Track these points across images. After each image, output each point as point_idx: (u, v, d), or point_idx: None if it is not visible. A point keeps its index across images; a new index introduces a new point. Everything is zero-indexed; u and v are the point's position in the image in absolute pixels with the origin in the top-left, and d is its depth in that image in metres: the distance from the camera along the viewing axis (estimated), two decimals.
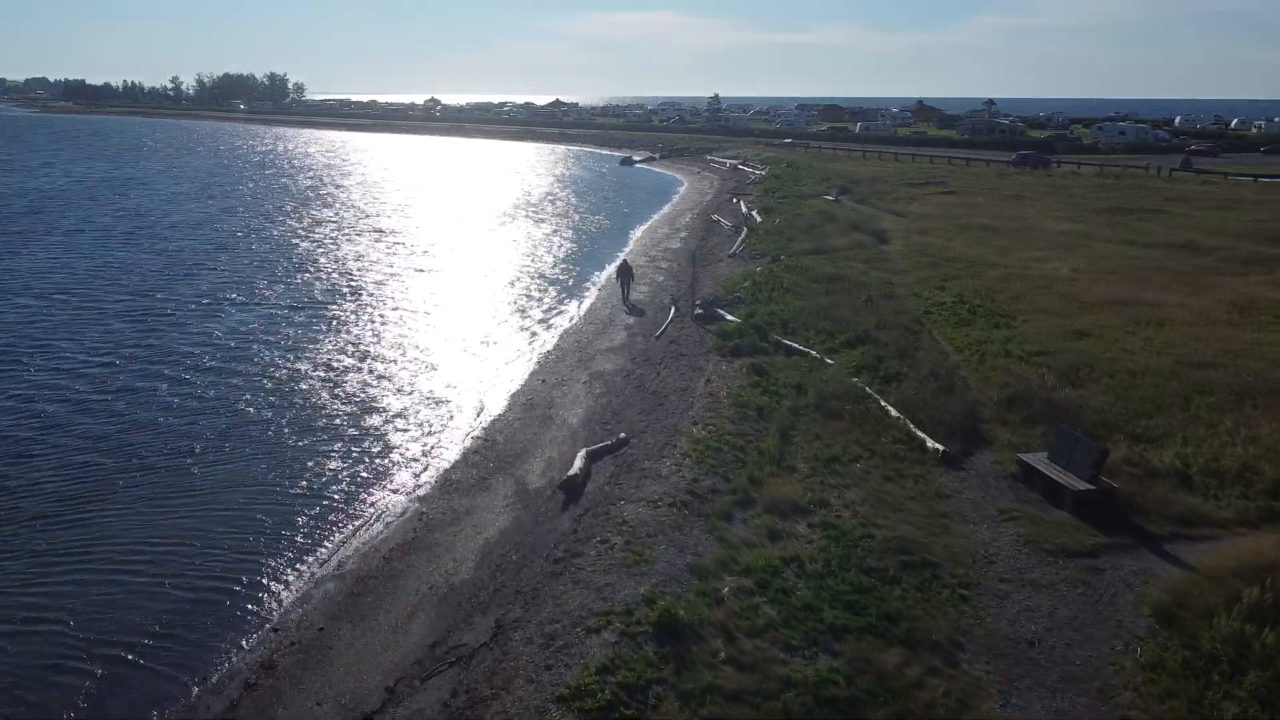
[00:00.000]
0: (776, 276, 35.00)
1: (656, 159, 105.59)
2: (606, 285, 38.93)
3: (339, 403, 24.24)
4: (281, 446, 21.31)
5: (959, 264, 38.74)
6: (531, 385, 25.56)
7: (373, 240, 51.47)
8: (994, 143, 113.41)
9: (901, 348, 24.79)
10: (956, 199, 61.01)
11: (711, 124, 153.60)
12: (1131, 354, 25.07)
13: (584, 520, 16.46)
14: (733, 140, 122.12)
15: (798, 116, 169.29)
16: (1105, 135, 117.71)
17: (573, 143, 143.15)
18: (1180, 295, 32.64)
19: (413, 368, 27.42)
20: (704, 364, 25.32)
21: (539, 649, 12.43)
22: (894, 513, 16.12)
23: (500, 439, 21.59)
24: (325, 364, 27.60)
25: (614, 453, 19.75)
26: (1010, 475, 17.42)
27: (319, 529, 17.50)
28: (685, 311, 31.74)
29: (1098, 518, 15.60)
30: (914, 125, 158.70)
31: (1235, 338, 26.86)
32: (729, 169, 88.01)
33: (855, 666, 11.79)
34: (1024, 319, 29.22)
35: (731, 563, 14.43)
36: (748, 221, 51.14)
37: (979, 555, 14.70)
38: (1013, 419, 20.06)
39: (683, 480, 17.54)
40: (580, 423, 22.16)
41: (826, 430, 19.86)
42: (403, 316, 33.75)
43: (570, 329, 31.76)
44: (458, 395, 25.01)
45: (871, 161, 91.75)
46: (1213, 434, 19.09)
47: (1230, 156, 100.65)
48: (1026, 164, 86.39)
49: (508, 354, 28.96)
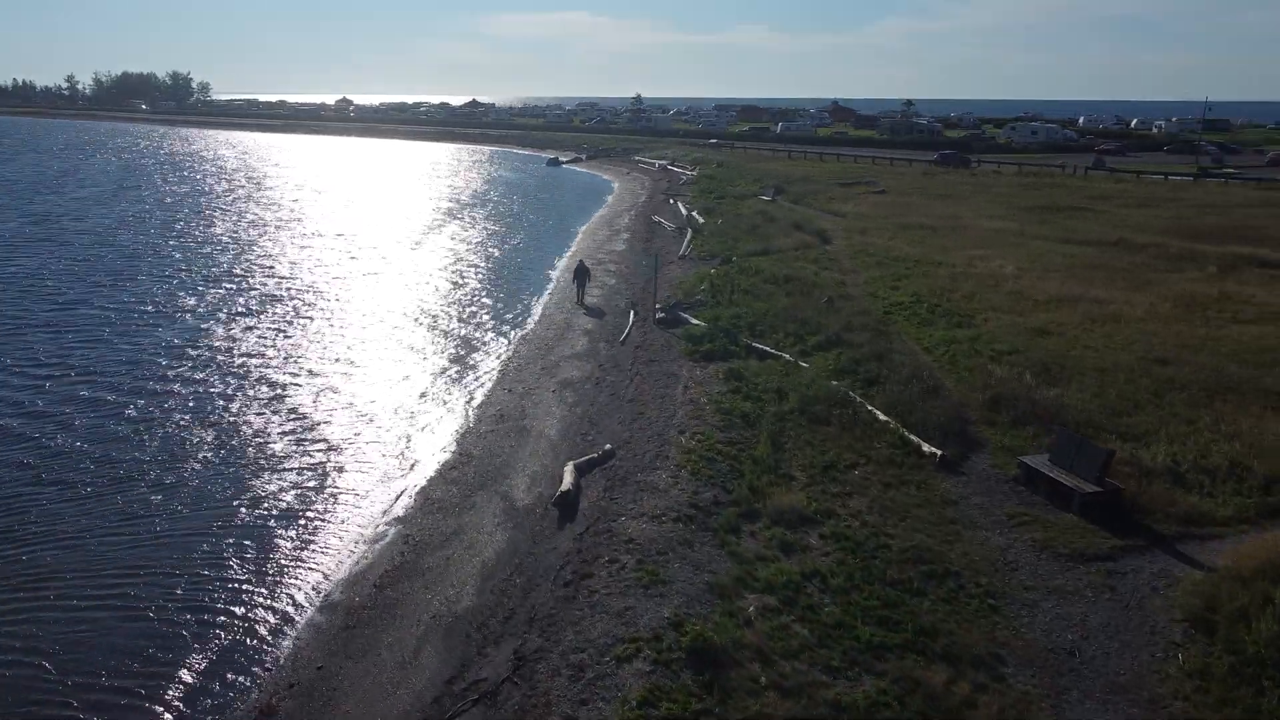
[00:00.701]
0: (732, 278, 34.69)
1: (583, 160, 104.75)
2: (556, 288, 38.13)
3: (292, 420, 23.00)
4: (238, 469, 20.04)
5: (906, 263, 39.02)
6: (498, 395, 24.67)
7: (307, 246, 49.61)
8: (913, 142, 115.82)
9: (875, 350, 24.64)
10: (889, 199, 61.80)
11: (634, 124, 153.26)
12: (1095, 351, 25.42)
13: (586, 539, 15.76)
14: (657, 141, 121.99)
15: (718, 117, 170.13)
16: (1018, 135, 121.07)
17: (494, 143, 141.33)
18: (1124, 292, 33.37)
19: (367, 380, 26.24)
20: (677, 370, 24.79)
21: (569, 681, 11.72)
22: (903, 521, 15.83)
23: (477, 453, 20.69)
24: (269, 379, 26.22)
25: (602, 465, 19.06)
26: (1011, 478, 17.30)
27: (294, 556, 16.41)
28: (646, 315, 31.17)
29: (1106, 520, 15.55)
30: (832, 125, 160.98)
31: (1188, 334, 27.46)
32: (659, 170, 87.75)
33: (903, 687, 11.39)
34: (982, 317, 29.45)
35: (750, 580, 13.93)
36: (690, 223, 50.82)
37: (998, 562, 14.48)
38: (1000, 420, 20.02)
39: (682, 493, 16.97)
40: (558, 434, 21.39)
41: (816, 436, 19.52)
42: (348, 326, 32.41)
43: (529, 335, 30.91)
44: (421, 407, 23.98)
45: (798, 161, 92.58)
46: (1194, 431, 19.34)
47: (1137, 156, 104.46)
48: (949, 163, 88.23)
49: (465, 362, 27.97)
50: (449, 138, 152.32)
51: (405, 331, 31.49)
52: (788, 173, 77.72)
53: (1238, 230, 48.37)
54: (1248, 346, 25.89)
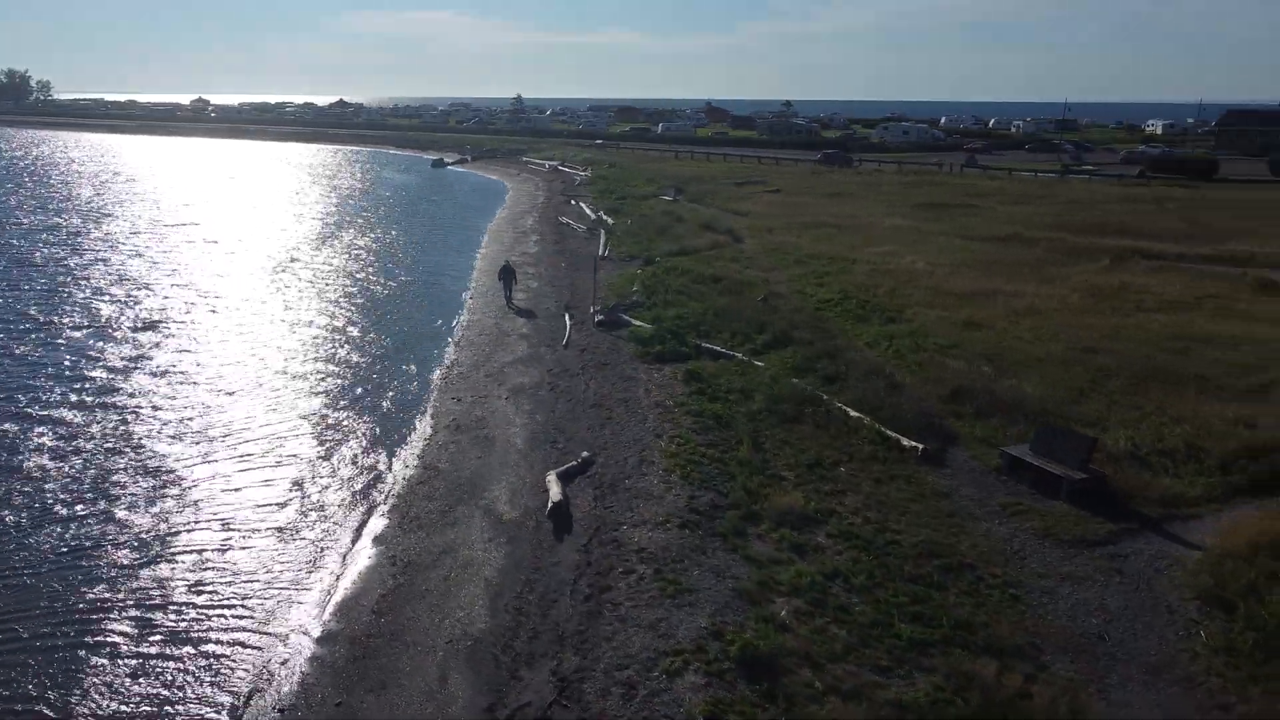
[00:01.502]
0: (660, 279, 34.63)
1: (469, 161, 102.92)
2: (478, 292, 37.23)
3: (228, 441, 21.66)
4: (178, 497, 18.71)
5: (821, 260, 39.81)
6: (447, 405, 23.84)
7: (204, 255, 46.97)
8: (793, 142, 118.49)
9: (826, 348, 24.97)
10: (784, 198, 63.02)
11: (514, 125, 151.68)
12: (1026, 343, 26.42)
13: (592, 550, 15.34)
14: (540, 141, 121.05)
15: (596, 117, 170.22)
16: (890, 135, 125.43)
17: (369, 144, 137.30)
18: (1032, 285, 34.87)
19: (301, 394, 24.95)
20: (633, 373, 24.52)
21: (622, 701, 11.35)
22: (903, 516, 16.03)
23: (443, 466, 19.91)
24: (192, 401, 24.67)
25: (583, 473, 18.62)
26: (994, 469, 17.76)
27: (268, 585, 15.38)
28: (583, 318, 30.75)
29: (1094, 506, 16.14)
30: (709, 126, 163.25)
31: (1102, 323, 28.90)
32: (549, 171, 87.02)
33: (956, 682, 11.48)
34: (911, 312, 30.28)
35: (774, 583, 13.84)
36: (601, 224, 50.52)
37: (1007, 553, 14.82)
38: (965, 412, 20.55)
39: (678, 498, 16.74)
40: (526, 443, 20.80)
41: (793, 435, 19.61)
42: (264, 343, 30.80)
43: (463, 341, 30.02)
44: (367, 421, 22.95)
45: (685, 161, 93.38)
46: (1142, 416, 20.29)
47: (1002, 154, 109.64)
48: (832, 163, 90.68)
49: (402, 372, 26.94)
50: (320, 138, 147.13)
51: (327, 344, 30.13)
52: (680, 173, 78.33)
53: (1113, 224, 51.33)
54: (1159, 334, 27.41)
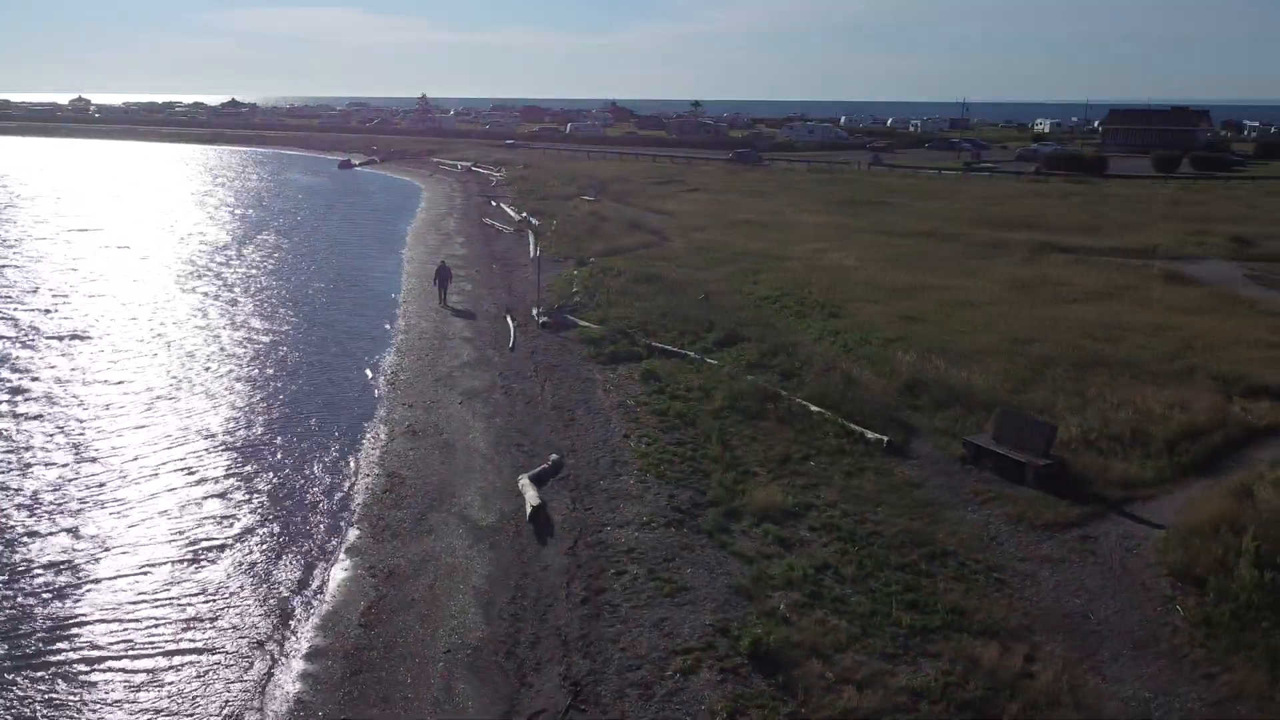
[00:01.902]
0: (598, 280, 34.59)
1: (377, 162, 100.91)
2: (410, 294, 36.55)
3: (173, 451, 20.82)
4: (135, 515, 17.92)
5: (752, 258, 40.33)
6: (399, 412, 23.35)
7: (106, 262, 44.90)
8: (702, 142, 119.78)
9: (775, 344, 25.33)
10: (705, 196, 63.63)
11: (419, 125, 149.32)
12: (964, 334, 27.24)
13: (580, 553, 15.26)
14: (450, 142, 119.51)
15: (505, 117, 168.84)
16: (796, 134, 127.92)
17: (269, 145, 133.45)
18: (959, 279, 36.01)
19: (239, 405, 24.13)
20: (588, 374, 24.44)
21: (640, 701, 11.33)
22: (879, 507, 16.39)
23: (407, 473, 19.51)
24: (127, 414, 23.65)
25: (554, 476, 18.49)
26: (958, 459, 18.29)
27: (247, 600, 14.84)
28: (525, 320, 30.49)
29: (1058, 490, 16.77)
30: (614, 125, 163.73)
31: (1032, 314, 30.01)
32: (463, 172, 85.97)
33: (963, 666, 11.81)
34: (852, 307, 30.93)
35: (767, 578, 14.00)
36: (528, 225, 50.15)
37: (984, 538, 15.30)
38: (922, 404, 21.10)
39: (657, 498, 16.78)
40: (489, 447, 20.54)
41: (759, 431, 19.85)
42: (194, 348, 29.65)
43: (402, 345, 29.41)
44: (317, 427, 22.32)
45: (599, 162, 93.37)
46: (1086, 403, 21.14)
47: (904, 152, 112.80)
48: (744, 162, 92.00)
49: (344, 379, 26.27)
50: (218, 140, 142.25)
51: (263, 351, 29.18)
52: (596, 173, 78.27)
53: (1023, 219, 53.39)
54: (1088, 323, 28.62)
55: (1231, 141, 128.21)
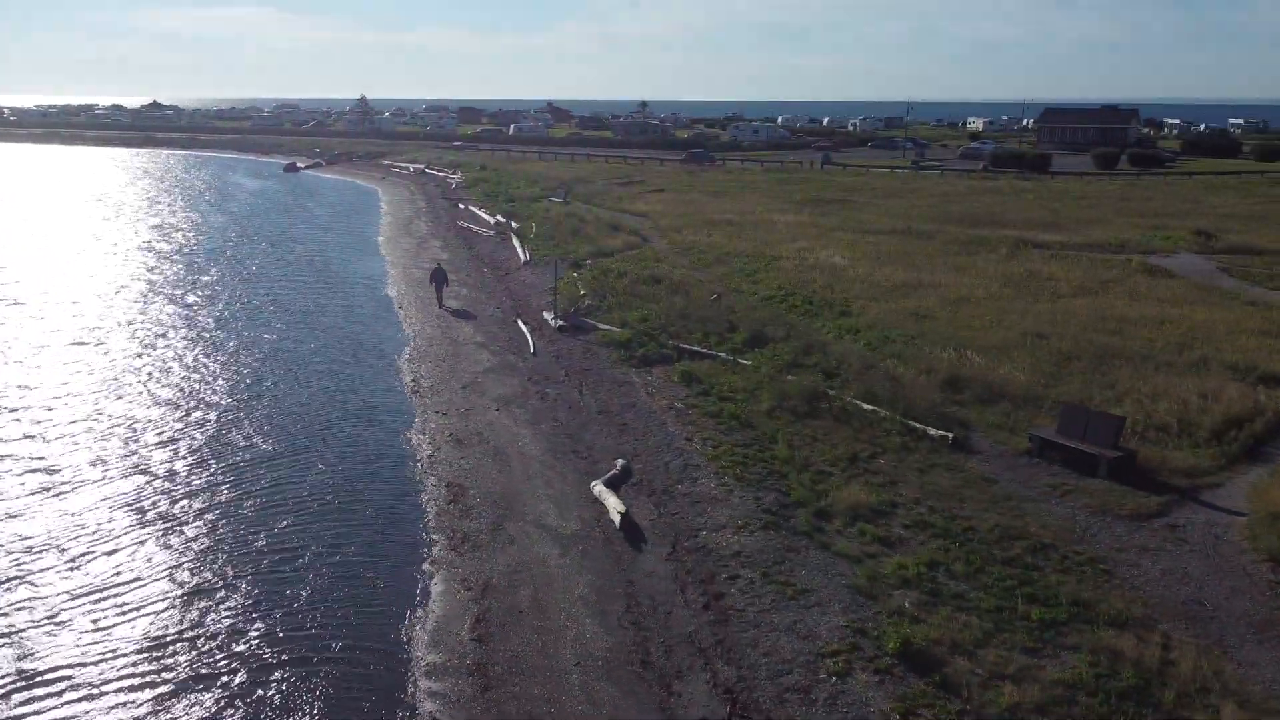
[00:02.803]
0: (602, 282, 34.41)
1: (323, 165, 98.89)
2: (405, 300, 35.90)
3: (227, 467, 20.18)
4: (200, 535, 17.32)
5: (742, 258, 40.55)
6: (435, 421, 22.92)
7: (77, 273, 43.19)
8: (649, 142, 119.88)
9: (804, 344, 25.50)
10: (671, 196, 63.77)
11: (358, 127, 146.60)
12: (978, 331, 27.77)
13: (683, 559, 15.17)
14: (393, 144, 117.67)
15: (443, 118, 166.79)
16: (741, 134, 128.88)
17: (200, 149, 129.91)
18: (950, 275, 36.70)
19: (275, 414, 23.46)
20: (624, 378, 24.30)
21: (804, 707, 11.33)
22: (962, 503, 16.63)
23: (466, 483, 19.15)
24: (153, 431, 22.84)
25: (626, 481, 18.34)
26: (1023, 452, 18.63)
27: (350, 619, 14.43)
28: (538, 324, 30.19)
29: (1131, 481, 17.20)
30: (558, 126, 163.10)
31: (1033, 309, 30.74)
32: (416, 174, 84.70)
33: (1107, 658, 12.05)
34: (859, 305, 31.33)
35: (882, 577, 14.11)
36: (506, 228, 49.64)
37: (1075, 530, 15.62)
38: (966, 400, 21.46)
39: (743, 500, 16.78)
40: (545, 454, 20.28)
41: (818, 431, 19.97)
42: (199, 362, 28.73)
43: (414, 352, 28.84)
44: (357, 441, 21.79)
45: (551, 163, 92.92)
46: (1121, 395, 21.74)
47: (848, 151, 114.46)
48: (698, 162, 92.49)
49: (362, 387, 25.68)
50: (145, 143, 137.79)
51: (278, 362, 28.39)
52: (554, 174, 77.90)
53: (985, 216, 54.68)
54: (1089, 317, 29.43)
55: (1156, 139, 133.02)
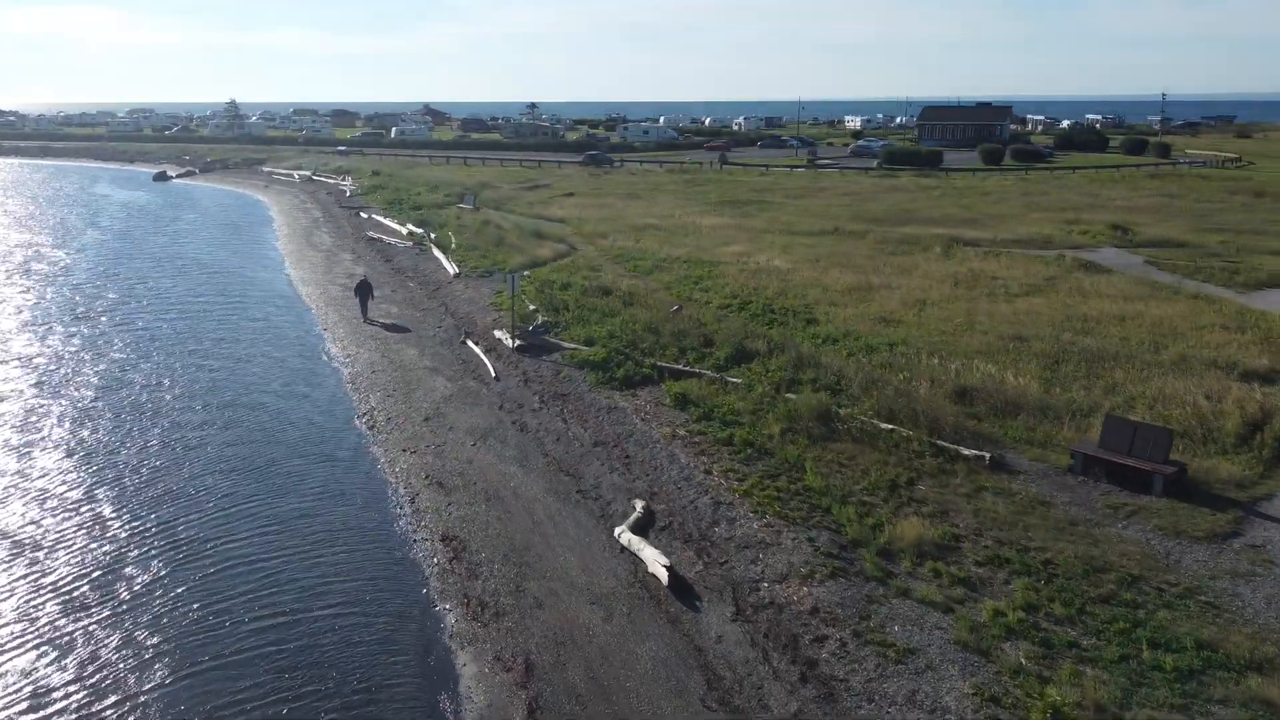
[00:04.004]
0: (547, 295, 32.29)
1: (196, 173, 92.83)
2: (328, 320, 32.95)
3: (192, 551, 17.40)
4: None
5: (680, 264, 39.10)
6: (405, 461, 20.52)
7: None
8: (541, 144, 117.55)
9: (792, 358, 24.08)
10: (584, 200, 61.87)
11: (228, 133, 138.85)
12: (951, 335, 27.03)
13: (752, 619, 13.43)
14: (270, 150, 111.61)
15: (316, 122, 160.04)
16: (632, 135, 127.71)
17: (57, 157, 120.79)
18: (897, 277, 36.07)
19: (220, 466, 20.63)
20: (608, 402, 22.36)
21: None
22: (1026, 531, 15.47)
23: (465, 537, 16.93)
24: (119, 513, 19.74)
25: (651, 526, 16.48)
26: (1064, 470, 17.63)
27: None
28: (491, 344, 27.91)
29: (1185, 496, 16.37)
30: (440, 129, 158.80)
31: (995, 310, 30.24)
32: (304, 182, 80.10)
33: (1264, 711, 10.94)
34: (821, 312, 30.23)
35: (982, 628, 12.74)
36: (422, 238, 46.79)
37: (1156, 557, 14.60)
38: (981, 413, 20.42)
39: (796, 543, 15.18)
40: (547, 496, 18.19)
41: (840, 455, 18.57)
42: (96, 401, 25.38)
43: (357, 381, 26.14)
44: (319, 491, 19.26)
45: (445, 166, 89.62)
46: (1127, 399, 21.13)
47: (739, 151, 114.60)
48: (596, 164, 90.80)
49: (309, 424, 23.01)
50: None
51: (201, 400, 25.29)
52: (455, 179, 74.89)
53: (903, 214, 54.82)
54: (1054, 317, 29.08)
55: (1029, 135, 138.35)
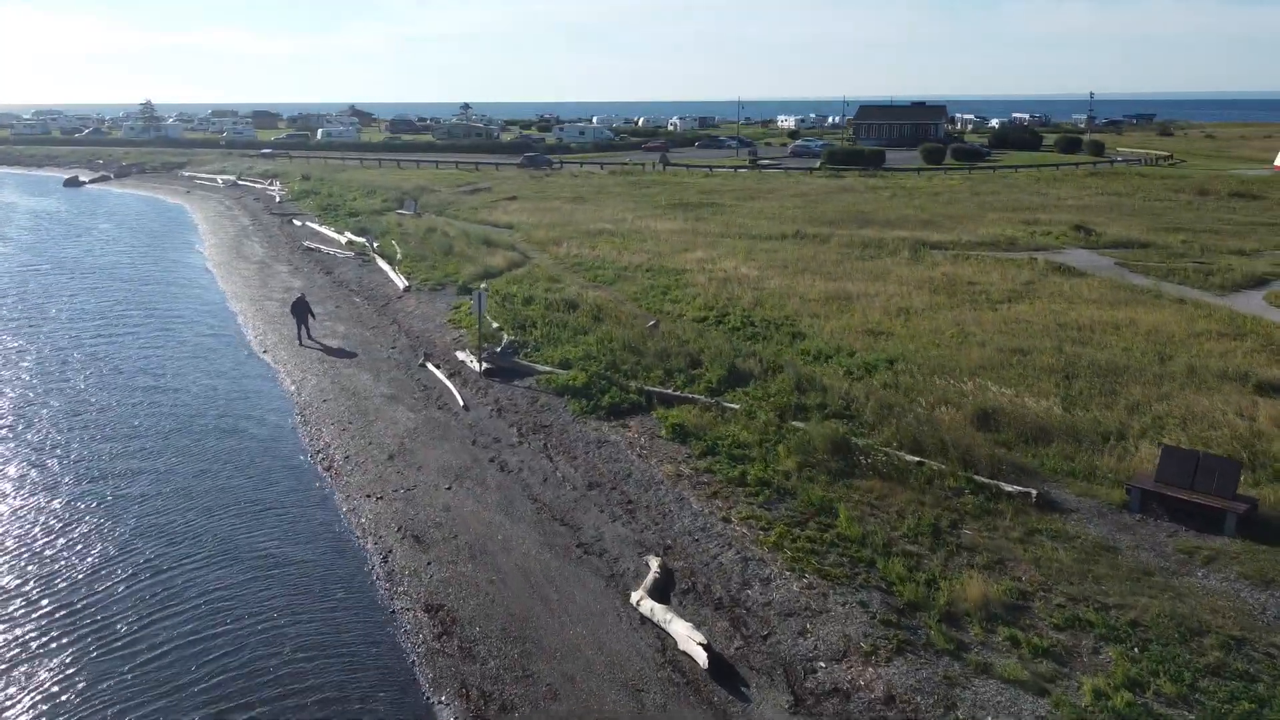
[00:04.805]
0: (511, 311, 29.87)
1: (112, 178, 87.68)
2: (268, 344, 30.07)
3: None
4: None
5: (643, 273, 37.03)
6: (370, 509, 18.07)
7: None
8: (475, 146, 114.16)
9: (791, 379, 22.13)
10: (530, 204, 59.39)
11: (143, 135, 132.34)
12: (949, 349, 25.38)
13: (813, 711, 11.40)
14: (190, 153, 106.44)
15: (237, 124, 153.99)
16: (568, 136, 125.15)
17: None
18: (871, 284, 34.48)
19: (148, 519, 17.90)
20: (596, 434, 20.13)
21: None
22: (1099, 584, 13.73)
23: (454, 606, 14.58)
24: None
25: (672, 589, 14.35)
26: (1118, 506, 15.97)
27: None
28: (454, 368, 25.45)
29: (1263, 535, 14.83)
30: (368, 130, 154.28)
31: (985, 319, 28.77)
32: (229, 187, 75.93)
33: None
34: (805, 324, 28.44)
35: (1085, 713, 10.89)
36: (363, 248, 43.84)
37: (1254, 614, 12.96)
38: (1010, 440, 18.69)
39: (846, 609, 13.20)
40: (540, 552, 15.91)
41: (868, 495, 16.67)
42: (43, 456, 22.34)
43: (306, 413, 23.47)
44: (274, 548, 16.72)
45: (378, 170, 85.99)
46: (1155, 420, 19.67)
47: (677, 151, 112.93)
48: (536, 165, 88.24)
49: (256, 465, 20.39)
50: None
51: (118, 439, 22.39)
52: (390, 182, 71.65)
53: (859, 215, 53.46)
54: (1046, 325, 27.75)
55: (963, 134, 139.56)
